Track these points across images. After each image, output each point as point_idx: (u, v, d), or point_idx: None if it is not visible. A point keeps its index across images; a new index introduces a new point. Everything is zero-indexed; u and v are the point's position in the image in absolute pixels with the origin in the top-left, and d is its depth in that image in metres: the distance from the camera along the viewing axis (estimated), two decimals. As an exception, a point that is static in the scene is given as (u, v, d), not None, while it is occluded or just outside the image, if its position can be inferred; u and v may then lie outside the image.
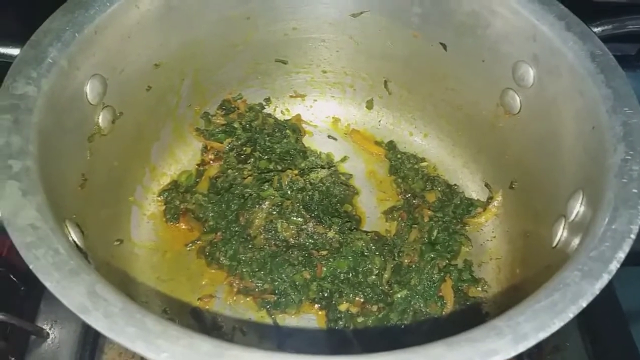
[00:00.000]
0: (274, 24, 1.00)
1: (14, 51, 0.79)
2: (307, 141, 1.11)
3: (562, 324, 0.50)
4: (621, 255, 0.55)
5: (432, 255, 0.92)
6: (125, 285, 0.90)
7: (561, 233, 0.73)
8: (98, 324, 0.51)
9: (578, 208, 0.69)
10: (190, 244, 0.98)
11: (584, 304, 0.51)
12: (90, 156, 0.83)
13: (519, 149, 0.91)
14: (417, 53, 0.99)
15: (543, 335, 0.50)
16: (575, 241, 0.66)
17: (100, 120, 0.84)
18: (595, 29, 0.80)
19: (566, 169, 0.76)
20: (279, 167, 1.04)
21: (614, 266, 0.54)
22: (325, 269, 0.90)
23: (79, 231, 0.72)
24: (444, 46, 0.95)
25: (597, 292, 0.52)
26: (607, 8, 1.03)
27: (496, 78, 0.90)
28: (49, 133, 0.71)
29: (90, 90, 0.80)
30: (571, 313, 0.51)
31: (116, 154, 0.91)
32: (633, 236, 0.57)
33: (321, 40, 1.04)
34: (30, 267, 0.55)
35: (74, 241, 0.69)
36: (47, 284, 0.54)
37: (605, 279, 0.53)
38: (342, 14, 0.99)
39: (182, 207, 1.01)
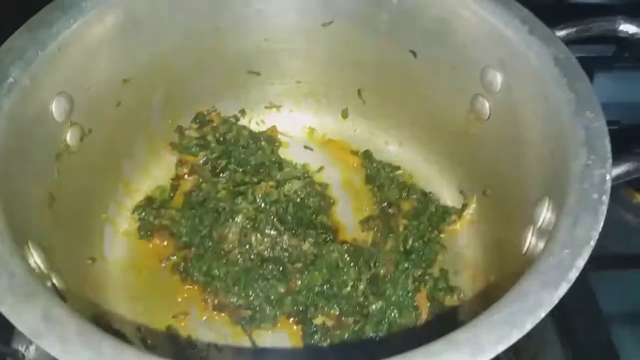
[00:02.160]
0: (244, 36, 0.99)
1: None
2: (283, 152, 1.11)
3: (520, 335, 0.50)
4: (580, 262, 0.55)
5: (407, 265, 0.91)
6: (98, 304, 0.88)
7: (530, 240, 0.72)
8: (52, 348, 0.50)
9: (545, 214, 0.68)
10: (165, 261, 0.97)
11: (543, 314, 0.51)
12: (58, 175, 0.82)
13: (490, 155, 0.91)
14: (388, 61, 0.99)
15: (502, 347, 0.49)
16: (541, 247, 0.66)
17: (68, 138, 0.83)
18: (560, 33, 0.79)
19: (534, 174, 0.75)
20: (255, 180, 1.03)
21: (573, 274, 0.54)
22: (299, 282, 0.89)
23: (44, 253, 0.71)
24: (414, 53, 0.95)
25: (556, 301, 0.52)
26: (576, 8, 1.04)
27: (466, 84, 0.90)
28: (12, 153, 0.70)
29: (56, 108, 0.79)
30: (529, 324, 0.50)
31: (86, 171, 0.90)
32: (593, 243, 0.56)
33: (293, 50, 1.04)
34: (-15, 292, 0.54)
35: (37, 264, 0.68)
36: (1, 309, 0.53)
37: (564, 288, 0.53)
38: (313, 24, 0.99)
39: (156, 223, 1.00)
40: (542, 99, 0.74)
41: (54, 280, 0.72)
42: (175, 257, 0.96)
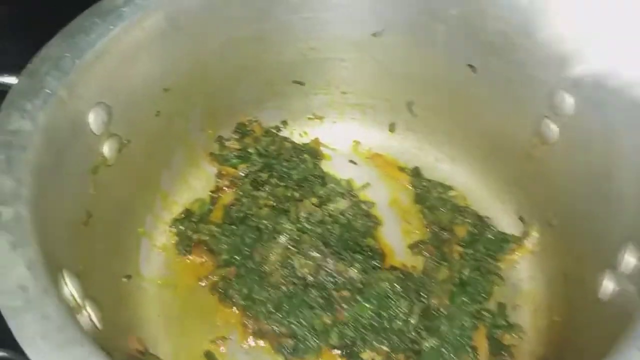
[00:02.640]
0: (290, 44, 0.94)
1: (12, 80, 0.74)
2: (325, 166, 1.05)
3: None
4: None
5: (464, 299, 0.85)
6: (134, 325, 0.84)
7: (608, 284, 0.65)
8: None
9: (629, 261, 0.61)
10: (204, 279, 0.92)
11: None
12: (94, 190, 0.77)
13: (557, 182, 0.84)
14: (442, 74, 0.92)
15: None
16: (627, 299, 0.59)
17: (105, 151, 0.79)
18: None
19: (616, 214, 0.68)
20: (297, 195, 0.98)
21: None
22: (346, 313, 0.83)
23: (78, 280, 0.66)
24: (472, 68, 0.88)
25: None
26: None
27: (530, 104, 0.83)
28: (47, 170, 0.66)
29: (94, 119, 0.75)
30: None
31: (124, 184, 0.85)
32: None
33: (340, 60, 0.98)
34: (16, 336, 0.49)
35: (71, 293, 0.64)
36: (34, 358, 0.48)
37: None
38: (363, 33, 0.93)
39: (195, 237, 0.95)
40: (628, 130, 0.67)
41: (89, 310, 0.67)
42: (214, 276, 0.91)
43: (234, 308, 0.88)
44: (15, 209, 0.59)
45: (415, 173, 1.02)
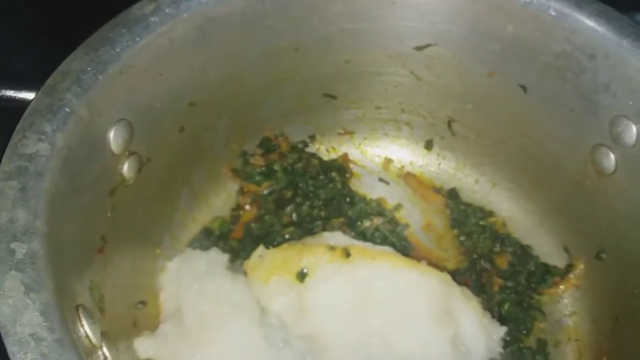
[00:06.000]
0: (325, 56, 0.88)
1: (29, 95, 0.68)
2: (354, 184, 0.98)
3: None
4: None
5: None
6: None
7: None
8: None
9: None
10: (221, 304, 0.86)
11: None
12: (111, 213, 0.72)
13: (611, 215, 0.78)
14: (490, 93, 0.87)
15: None
16: None
17: (124, 171, 0.74)
18: None
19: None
20: (322, 214, 0.93)
21: None
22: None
23: (94, 318, 0.61)
24: (524, 88, 0.82)
25: None
26: None
27: (587, 131, 0.78)
28: (62, 198, 0.60)
29: (114, 138, 0.70)
30: None
31: (141, 204, 0.80)
32: None
33: (377, 74, 0.92)
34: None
35: (87, 332, 0.58)
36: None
37: None
38: (405, 47, 0.87)
39: (213, 258, 0.89)
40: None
41: (105, 350, 0.62)
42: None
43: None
44: (30, 246, 0.53)
45: (452, 195, 0.96)
